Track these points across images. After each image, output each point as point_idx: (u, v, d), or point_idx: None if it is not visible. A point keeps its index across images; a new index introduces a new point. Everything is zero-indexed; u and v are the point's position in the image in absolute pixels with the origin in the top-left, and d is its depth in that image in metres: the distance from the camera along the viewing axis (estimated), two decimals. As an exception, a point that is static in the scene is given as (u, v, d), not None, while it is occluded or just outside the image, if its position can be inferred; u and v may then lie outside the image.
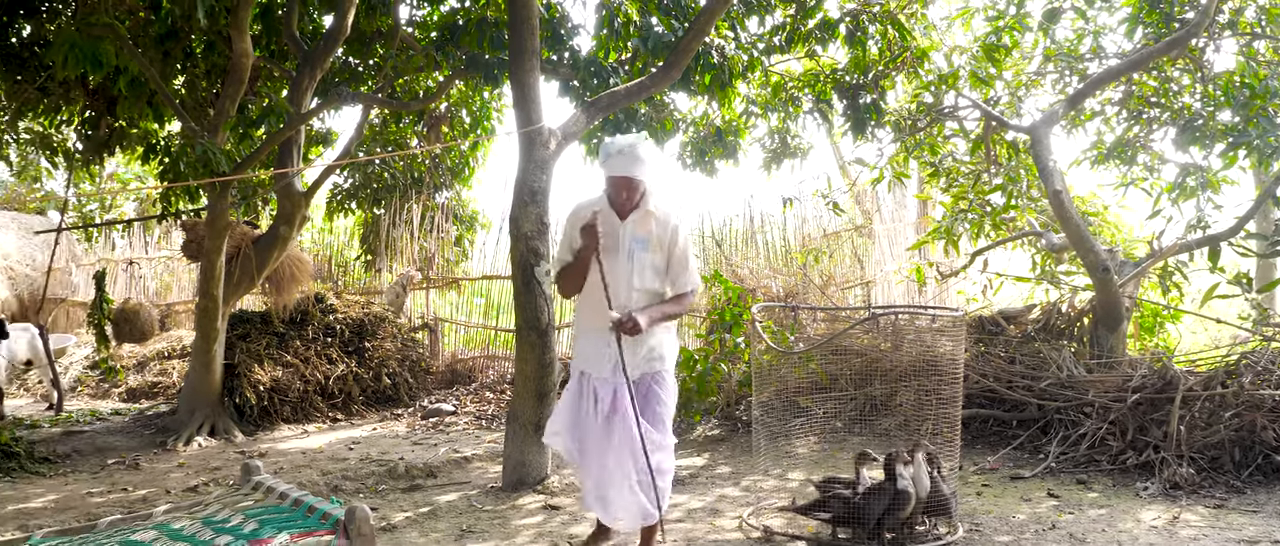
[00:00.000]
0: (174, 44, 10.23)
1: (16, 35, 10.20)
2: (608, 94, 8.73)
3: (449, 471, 8.67)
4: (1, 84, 11.48)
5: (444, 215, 15.47)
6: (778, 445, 8.01)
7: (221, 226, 10.39)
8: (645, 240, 5.39)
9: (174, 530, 4.80)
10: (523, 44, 7.91)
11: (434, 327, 13.99)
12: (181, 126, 10.46)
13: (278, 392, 11.32)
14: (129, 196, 22.14)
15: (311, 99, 10.57)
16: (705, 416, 10.02)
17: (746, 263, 12.90)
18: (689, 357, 9.97)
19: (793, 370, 8.40)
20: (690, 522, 6.77)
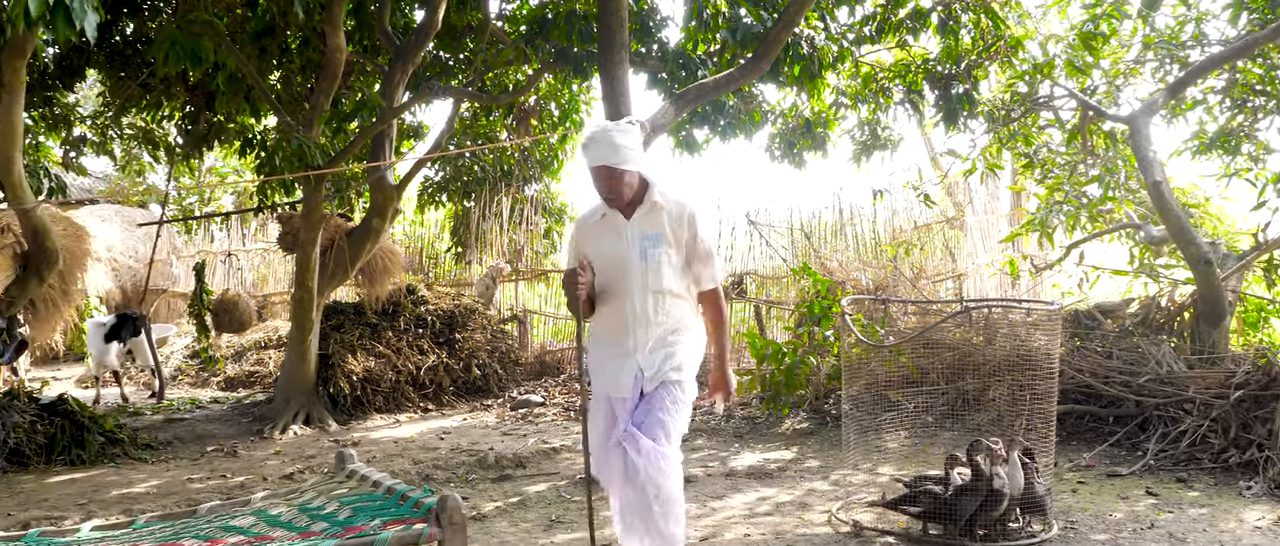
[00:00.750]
0: (270, 40, 10.45)
1: (120, 33, 10.49)
2: (696, 86, 8.72)
3: (538, 462, 8.73)
4: (106, 81, 11.85)
5: (533, 208, 15.58)
6: (867, 439, 7.92)
7: (316, 219, 10.59)
8: (657, 236, 4.75)
9: (271, 516, 4.89)
10: (612, 37, 7.92)
11: (523, 319, 14.10)
12: (277, 121, 10.67)
13: (370, 382, 11.50)
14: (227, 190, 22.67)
15: (403, 93, 10.71)
16: (793, 410, 9.96)
17: (835, 255, 12.78)
18: (777, 350, 9.91)
19: (883, 364, 8.31)
20: (778, 516, 6.73)
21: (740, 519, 6.70)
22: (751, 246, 13.47)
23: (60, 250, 6.33)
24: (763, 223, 13.52)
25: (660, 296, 4.75)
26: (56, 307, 6.96)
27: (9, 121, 6.20)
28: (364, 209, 12.51)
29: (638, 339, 4.73)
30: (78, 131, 12.39)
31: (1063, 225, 10.67)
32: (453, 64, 11.94)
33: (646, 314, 4.74)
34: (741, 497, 7.28)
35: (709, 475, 7.97)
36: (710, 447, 9.11)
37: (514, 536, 6.46)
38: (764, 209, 13.65)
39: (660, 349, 4.75)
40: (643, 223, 4.76)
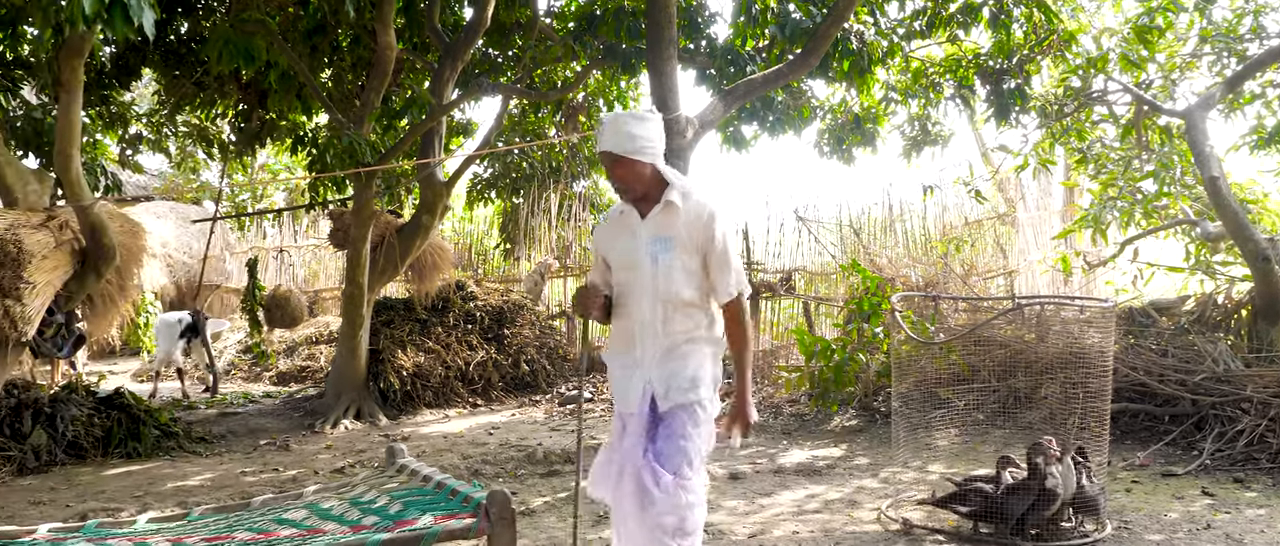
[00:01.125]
0: (321, 38, 10.55)
1: (175, 32, 10.62)
2: (744, 82, 8.70)
3: (587, 457, 8.75)
4: (161, 79, 12.02)
5: (581, 204, 15.61)
6: (917, 437, 7.87)
7: (367, 215, 10.68)
8: (669, 240, 4.30)
9: (323, 509, 4.94)
10: (660, 33, 7.92)
11: (571, 315, 14.14)
12: (329, 118, 10.77)
13: (420, 378, 11.57)
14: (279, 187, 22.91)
15: (453, 90, 10.77)
16: (842, 407, 9.91)
17: (885, 252, 12.70)
18: (826, 347, 9.87)
19: (933, 361, 8.26)
20: (827, 513, 6.71)
21: (789, 516, 6.68)
22: (800, 243, 13.42)
23: (117, 246, 6.43)
24: (811, 219, 13.46)
25: (670, 305, 4.31)
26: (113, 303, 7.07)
27: (67, 120, 6.30)
28: (414, 205, 12.59)
29: (646, 350, 4.35)
30: (134, 129, 12.57)
31: (1117, 221, 10.54)
32: (501, 61, 11.98)
33: (655, 324, 4.33)
34: (790, 494, 7.26)
35: (757, 472, 7.95)
36: (758, 444, 9.09)
37: (562, 532, 6.48)
38: (813, 205, 13.60)
39: (669, 362, 4.32)
40: (656, 224, 4.34)
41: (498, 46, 11.78)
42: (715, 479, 7.65)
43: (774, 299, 12.80)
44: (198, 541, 4.39)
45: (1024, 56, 10.77)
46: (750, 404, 4.42)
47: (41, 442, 8.83)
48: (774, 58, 9.86)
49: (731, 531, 6.34)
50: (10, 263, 5.74)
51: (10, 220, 5.93)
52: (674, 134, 7.86)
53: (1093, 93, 10.65)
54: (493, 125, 11.95)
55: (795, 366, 10.65)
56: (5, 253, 5.73)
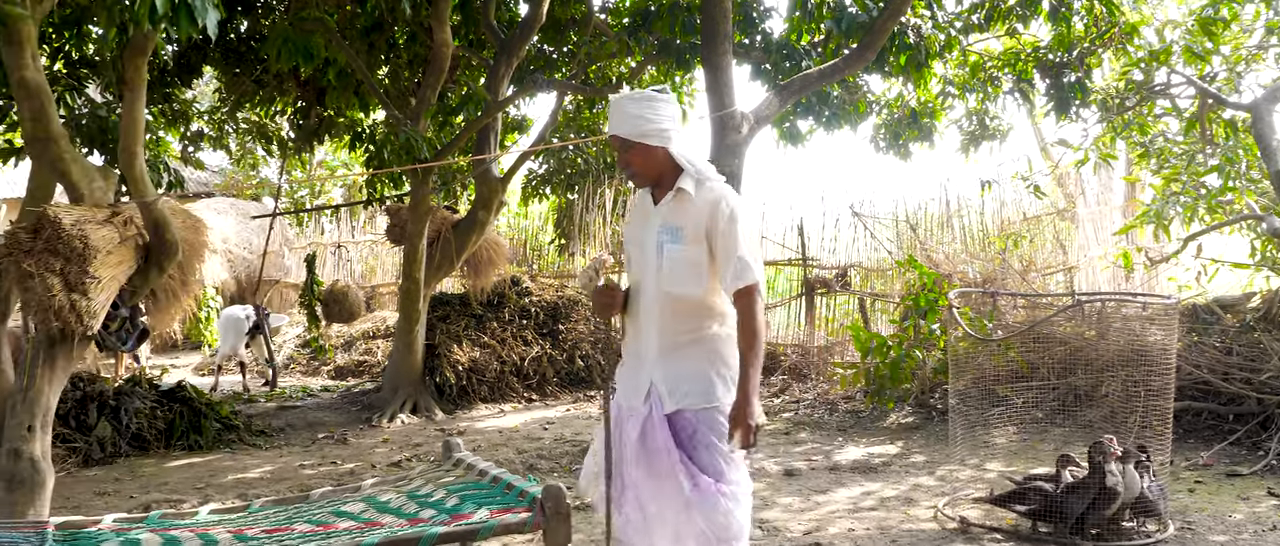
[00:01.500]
0: (378, 36, 10.64)
1: (235, 31, 10.77)
2: (800, 77, 8.66)
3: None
4: (222, 77, 12.18)
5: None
6: (974, 434, 7.80)
7: (423, 211, 10.77)
8: (678, 230, 4.00)
9: (381, 502, 4.99)
10: (715, 28, 7.90)
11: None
12: (386, 115, 10.87)
13: (475, 372, 11.64)
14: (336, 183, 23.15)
15: (508, 86, 10.82)
16: (898, 404, 9.84)
17: (942, 247, 12.59)
18: (882, 343, 9.80)
19: (991, 358, 8.18)
20: (883, 511, 6.67)
21: (844, 513, 6.65)
22: (856, 238, 13.32)
23: (180, 242, 6.52)
24: (867, 214, 13.37)
25: (673, 300, 4.02)
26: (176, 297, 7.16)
27: (131, 117, 6.39)
28: (469, 201, 12.67)
29: (650, 344, 4.09)
30: (195, 126, 12.76)
31: (1180, 217, 10.34)
32: (556, 57, 12.02)
33: (658, 317, 4.06)
34: (845, 491, 7.23)
35: (812, 468, 7.92)
36: (814, 441, 9.05)
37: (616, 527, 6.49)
38: (868, 200, 13.50)
39: (672, 361, 4.03)
40: (667, 212, 4.06)
41: (553, 42, 11.81)
42: (769, 475, 7.64)
43: (829, 295, 12.73)
44: (258, 533, 4.45)
45: (1085, 49, 10.62)
46: (754, 407, 3.90)
47: (106, 434, 9.00)
48: (830, 52, 9.81)
49: (786, 528, 6.32)
50: (76, 258, 5.83)
51: (76, 216, 6.03)
52: (729, 129, 7.84)
53: (1155, 86, 10.47)
54: (548, 121, 11.99)
55: (851, 362, 10.59)
56: (72, 248, 5.83)
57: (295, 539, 4.37)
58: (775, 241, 13.58)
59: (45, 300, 5.76)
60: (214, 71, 12.21)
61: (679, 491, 3.93)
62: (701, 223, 3.96)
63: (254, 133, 13.60)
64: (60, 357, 6.16)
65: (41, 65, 6.27)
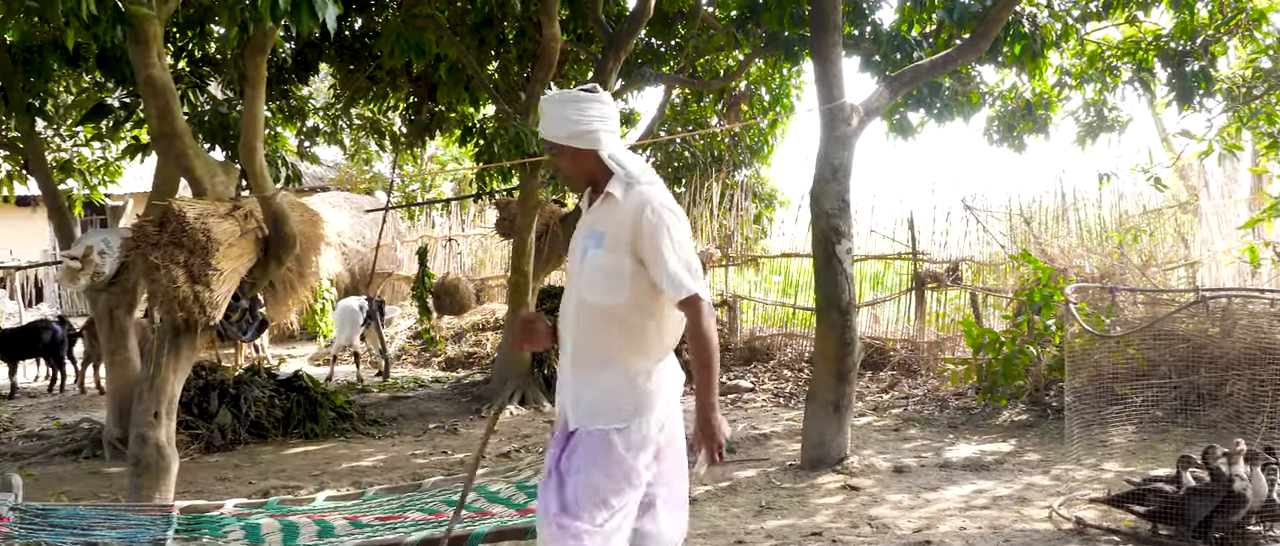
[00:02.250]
0: (488, 31, 10.77)
1: (349, 29, 10.99)
2: (911, 68, 8.52)
3: (747, 447, 8.74)
4: (337, 74, 12.45)
5: (743, 193, 15.56)
6: (1091, 433, 7.62)
7: (532, 205, 10.87)
8: (601, 236, 3.70)
9: (491, 492, 5.06)
10: (825, 19, 7.82)
11: (733, 305, 14.11)
12: (496, 109, 10.99)
13: (581, 365, 11.70)
14: (447, 177, 23.50)
15: (616, 80, 10.86)
16: (1011, 401, 9.64)
17: (1057, 241, 12.30)
18: (995, 339, 9.62)
19: (1109, 355, 7.98)
20: (995, 509, 6.55)
21: (955, 511, 6.55)
22: (967, 232, 13.10)
23: (297, 235, 6.68)
24: (979, 208, 13.13)
25: (589, 309, 3.71)
26: (293, 289, 7.34)
27: (252, 114, 6.57)
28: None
29: (566, 358, 3.80)
30: (311, 122, 13.06)
31: (1310, 210, 9.98)
32: (664, 51, 12.02)
33: (573, 326, 3.77)
34: (956, 489, 7.11)
35: (922, 466, 7.81)
36: (923, 438, 8.93)
37: (724, 521, 6.49)
38: (981, 193, 13.26)
39: (584, 375, 3.73)
40: (594, 218, 3.78)
41: (660, 36, 11.82)
42: (878, 472, 7.55)
43: (940, 289, 12.54)
44: (372, 520, 4.55)
45: (1209, 37, 10.27)
46: (718, 422, 3.63)
47: (227, 422, 9.27)
48: (941, 43, 9.64)
49: (896, 526, 6.25)
50: (200, 250, 6.01)
51: (200, 210, 6.21)
52: (838, 122, 7.76)
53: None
54: (655, 114, 12.01)
55: (962, 359, 10.42)
56: (195, 241, 6.01)
57: (408, 526, 4.46)
58: (885, 235, 13.41)
59: (170, 291, 5.95)
60: (329, 68, 12.48)
61: (545, 514, 3.67)
62: (625, 229, 3.66)
63: (367, 128, 13.88)
64: (184, 347, 6.36)
65: (166, 64, 6.47)
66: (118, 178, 12.16)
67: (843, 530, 6.20)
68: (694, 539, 6.05)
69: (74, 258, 7.88)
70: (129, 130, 10.17)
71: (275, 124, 11.33)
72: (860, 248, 12.34)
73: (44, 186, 9.55)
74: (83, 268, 7.81)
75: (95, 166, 11.87)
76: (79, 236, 8.69)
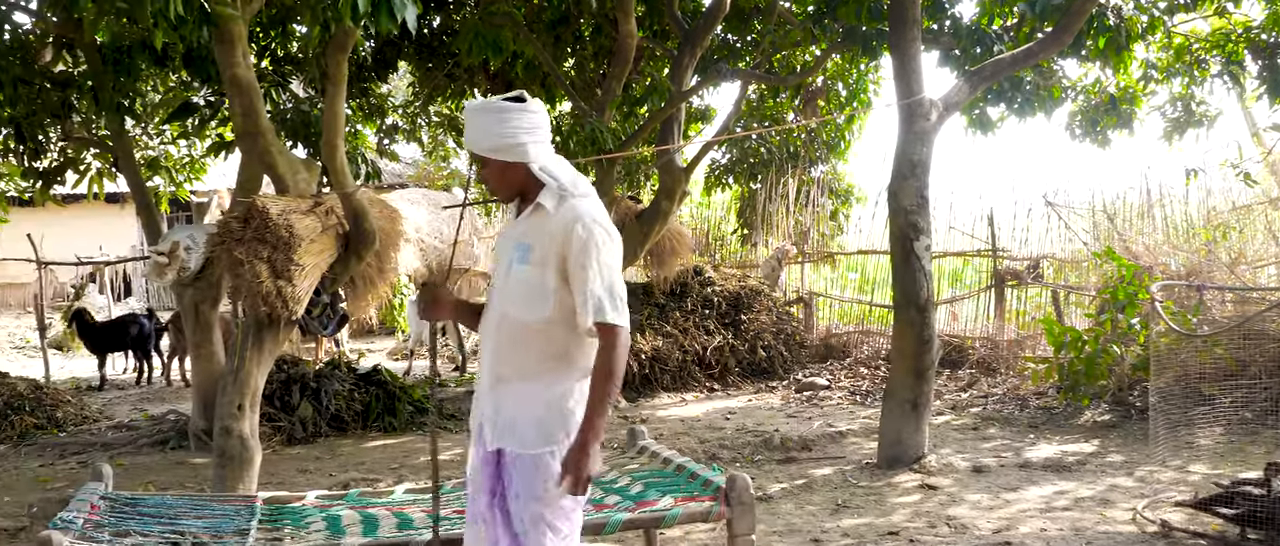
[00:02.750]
0: (565, 28, 10.81)
1: (428, 26, 11.11)
2: (991, 62, 8.40)
3: (823, 445, 8.69)
4: (415, 72, 12.59)
5: (819, 189, 15.47)
6: (1177, 434, 7.46)
7: (607, 201, 10.89)
8: (528, 249, 3.52)
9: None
10: (904, 13, 7.74)
11: (809, 301, 14.04)
12: (571, 106, 11.03)
13: (658, 361, 11.73)
14: (524, 173, 23.61)
15: (691, 77, 10.84)
16: (1094, 400, 9.47)
17: (1141, 238, 12.05)
18: (1077, 338, 9.45)
19: (1196, 355, 7.80)
20: (1077, 511, 6.43)
21: (1036, 512, 6.45)
22: (1049, 229, 12.88)
23: (377, 231, 6.76)
24: (1061, 204, 12.90)
25: (510, 323, 3.53)
26: (372, 284, 7.43)
27: (333, 111, 6.67)
28: (652, 191, 12.76)
29: (486, 373, 3.62)
30: (390, 120, 13.22)
31: None
32: (740, 46, 11.97)
33: (494, 339, 3.58)
34: (1037, 490, 7.01)
35: (1002, 465, 7.71)
36: (1003, 437, 8.80)
37: (800, 519, 6.46)
38: (1062, 189, 13.03)
39: (503, 393, 3.56)
40: (522, 230, 3.59)
41: (736, 32, 11.78)
42: (957, 471, 7.47)
43: (1020, 287, 12.34)
44: (451, 513, 4.59)
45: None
46: (591, 454, 3.38)
47: (308, 415, 9.42)
48: (1023, 37, 9.48)
49: (975, 526, 6.17)
50: (282, 246, 6.11)
51: (282, 206, 6.31)
52: (917, 117, 7.69)
53: (1382, 66, 9.79)
54: (731, 110, 11.96)
55: (1043, 357, 10.25)
56: (278, 237, 6.11)
57: (485, 520, 4.48)
58: (964, 232, 13.24)
59: (254, 286, 6.06)
60: (408, 66, 12.62)
61: (494, 543, 3.54)
62: (554, 244, 3.47)
63: (445, 125, 14.02)
64: (267, 341, 6.47)
65: (250, 63, 6.59)
66: (203, 175, 12.41)
67: (920, 530, 6.14)
68: (769, 536, 6.03)
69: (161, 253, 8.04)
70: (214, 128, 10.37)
71: (355, 121, 11.49)
72: (939, 244, 12.21)
73: (133, 183, 9.77)
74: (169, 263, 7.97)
75: (181, 164, 12.12)
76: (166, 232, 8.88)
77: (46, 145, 9.71)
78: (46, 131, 9.45)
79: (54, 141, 10.07)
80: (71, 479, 7.96)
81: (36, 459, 8.96)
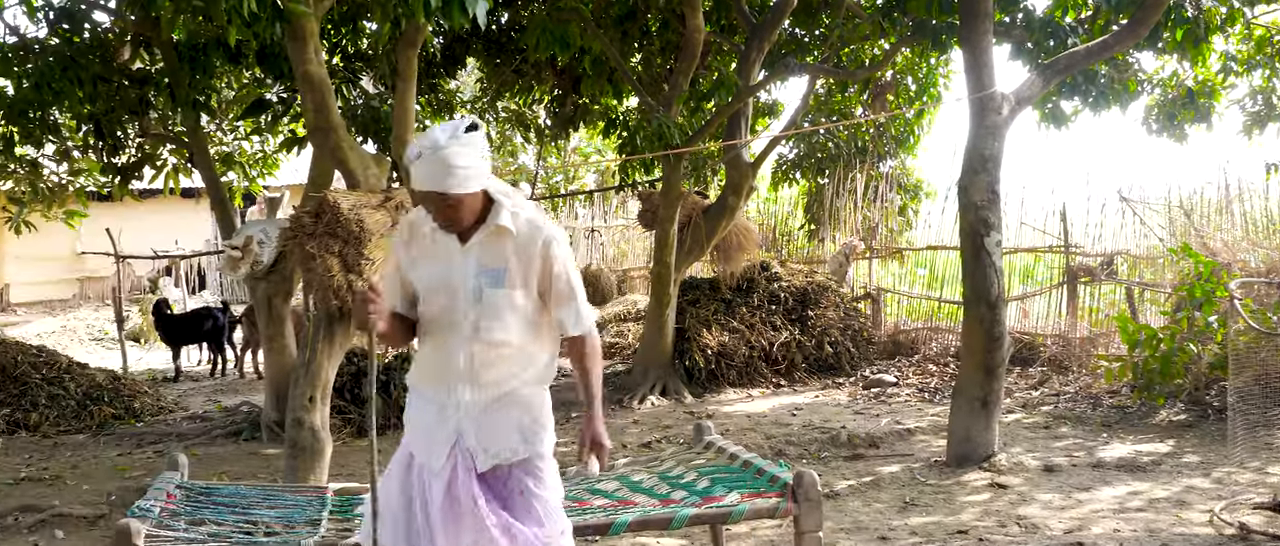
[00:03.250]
0: (632, 24, 10.83)
1: (496, 23, 11.19)
2: (1065, 55, 8.27)
3: (891, 442, 8.62)
4: (483, 68, 12.68)
5: (888, 184, 15.33)
6: (1256, 435, 7.30)
7: (674, 196, 10.90)
8: (500, 273, 3.54)
9: (633, 482, 5.09)
10: (975, 6, 7.65)
11: (877, 297, 13.93)
12: (639, 102, 11.05)
13: (724, 357, 11.70)
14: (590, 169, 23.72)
15: (759, 71, 10.81)
16: (1169, 400, 9.29)
17: (1219, 235, 11.79)
18: (1151, 336, 9.28)
19: (1276, 353, 7.61)
20: (1152, 512, 6.32)
21: (1109, 513, 6.35)
22: (1123, 225, 12.64)
23: (446, 225, 6.83)
24: (1136, 199, 12.66)
25: (491, 348, 3.55)
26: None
27: (403, 107, 6.75)
28: (720, 186, 12.73)
29: (461, 397, 3.58)
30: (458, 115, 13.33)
31: None
32: (808, 41, 11.91)
33: (474, 370, 3.56)
34: (1110, 490, 6.89)
35: (1074, 465, 7.59)
36: (1075, 436, 8.67)
37: (867, 516, 6.42)
38: (1138, 185, 12.77)
39: (490, 416, 3.58)
40: (481, 252, 3.56)
41: (804, 26, 11.72)
42: (1028, 470, 7.37)
43: (1093, 284, 12.14)
44: (518, 507, 4.61)
45: (1389, 19, 9.73)
46: (601, 429, 3.65)
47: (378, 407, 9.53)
48: (1097, 29, 9.33)
49: (1046, 526, 6.09)
50: (353, 240, 6.19)
51: (353, 201, 6.39)
52: (988, 111, 7.59)
53: None
54: (799, 105, 11.91)
55: (1116, 355, 10.08)
56: (349, 231, 6.19)
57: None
58: (1035, 227, 13.05)
59: (325, 280, 6.14)
60: (476, 62, 12.72)
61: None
62: (527, 263, 3.55)
63: (513, 121, 14.11)
64: (338, 334, 6.56)
65: (322, 60, 6.68)
66: (275, 170, 12.59)
67: (990, 529, 6.07)
68: (836, 533, 6.00)
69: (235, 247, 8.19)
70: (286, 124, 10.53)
71: (424, 117, 11.59)
72: (1009, 240, 12.04)
73: (207, 179, 9.95)
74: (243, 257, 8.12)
75: (254, 159, 12.31)
76: (240, 227, 9.02)
77: (125, 141, 9.90)
78: (125, 128, 9.64)
79: (132, 137, 10.27)
80: (148, 468, 8.13)
81: (115, 448, 9.16)
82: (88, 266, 25.06)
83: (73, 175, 10.83)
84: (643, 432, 9.26)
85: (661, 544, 5.96)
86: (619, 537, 4.82)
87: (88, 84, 8.49)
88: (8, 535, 6.39)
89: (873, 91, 13.49)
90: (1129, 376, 9.70)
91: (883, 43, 11.72)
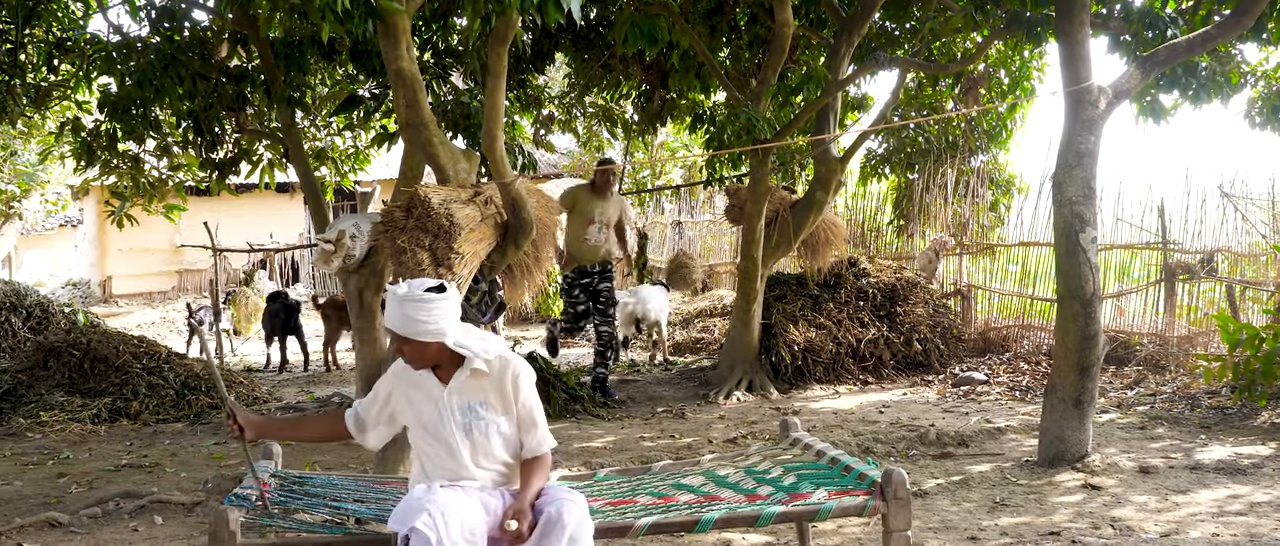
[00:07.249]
0: (720, 18, 10.80)
1: (584, 18, 11.23)
2: (1165, 47, 8.06)
3: (981, 441, 8.49)
4: (571, 63, 12.74)
5: (979, 179, 15.10)
6: (1364, 439, 7.05)
7: (762, 191, 10.86)
8: (482, 405, 4.14)
9: (719, 477, 5.09)
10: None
11: (967, 294, 13.73)
12: (727, 96, 11.02)
13: (811, 353, 11.63)
14: (677, 163, 23.72)
15: (848, 65, 10.72)
16: (1271, 401, 9.03)
17: (1326, 231, 11.44)
18: (1254, 335, 9.02)
19: (1386, 355, 7.36)
20: (1253, 517, 6.15)
21: (1207, 516, 6.19)
22: (1223, 221, 12.30)
23: (534, 220, 6.88)
24: (1238, 195, 12.31)
25: (492, 474, 4.18)
26: (529, 273, 7.56)
27: (493, 103, 6.80)
28: (807, 181, 12.65)
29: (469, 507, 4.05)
30: (546, 111, 13.40)
31: None
32: (898, 33, 11.78)
33: (475, 483, 4.13)
34: (1208, 493, 6.72)
35: (1170, 467, 7.41)
36: (1172, 437, 8.46)
37: (956, 515, 6.34)
38: (1240, 180, 12.42)
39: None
40: (464, 391, 4.13)
41: (895, 19, 11.58)
42: (1122, 471, 7.21)
43: (1192, 281, 11.84)
44: (603, 505, 4.64)
45: None
46: (527, 508, 4.02)
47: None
48: (1199, 20, 9.09)
49: (1141, 528, 5.96)
50: (443, 235, 6.26)
51: (443, 196, 6.47)
52: (1085, 105, 7.44)
53: None
54: (888, 99, 11.77)
55: (1216, 355, 9.80)
56: (439, 226, 6.26)
57: (638, 511, 4.52)
58: (1132, 224, 12.75)
59: (415, 273, 6.22)
60: (564, 57, 12.78)
61: None
62: (504, 396, 4.14)
63: (600, 116, 14.16)
64: (427, 327, 6.63)
65: (414, 56, 6.76)
66: (367, 165, 12.78)
67: (1083, 530, 5.96)
68: (924, 532, 5.93)
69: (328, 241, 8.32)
70: (378, 120, 10.66)
71: (512, 112, 11.68)
72: (1105, 236, 11.80)
73: (301, 174, 10.11)
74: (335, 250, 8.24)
75: (346, 154, 12.51)
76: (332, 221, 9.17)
77: (222, 137, 10.11)
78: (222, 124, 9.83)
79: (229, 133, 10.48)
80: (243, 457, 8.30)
81: (211, 437, 9.40)
82: (186, 259, 25.77)
83: (172, 170, 11.07)
84: (728, 428, 9.24)
85: (747, 539, 5.95)
86: (705, 535, 4.82)
87: (187, 81, 8.68)
88: (110, 520, 6.59)
89: (964, 85, 13.30)
90: (1229, 376, 9.44)
91: (975, 35, 11.55)
